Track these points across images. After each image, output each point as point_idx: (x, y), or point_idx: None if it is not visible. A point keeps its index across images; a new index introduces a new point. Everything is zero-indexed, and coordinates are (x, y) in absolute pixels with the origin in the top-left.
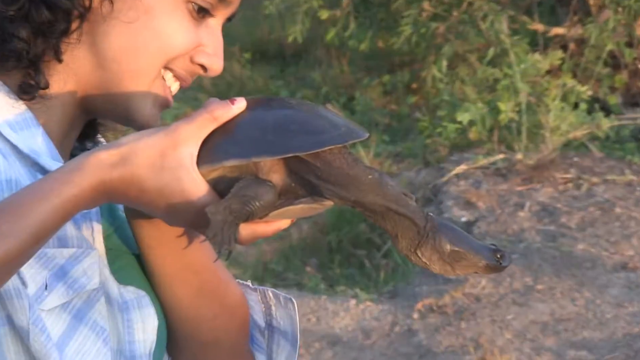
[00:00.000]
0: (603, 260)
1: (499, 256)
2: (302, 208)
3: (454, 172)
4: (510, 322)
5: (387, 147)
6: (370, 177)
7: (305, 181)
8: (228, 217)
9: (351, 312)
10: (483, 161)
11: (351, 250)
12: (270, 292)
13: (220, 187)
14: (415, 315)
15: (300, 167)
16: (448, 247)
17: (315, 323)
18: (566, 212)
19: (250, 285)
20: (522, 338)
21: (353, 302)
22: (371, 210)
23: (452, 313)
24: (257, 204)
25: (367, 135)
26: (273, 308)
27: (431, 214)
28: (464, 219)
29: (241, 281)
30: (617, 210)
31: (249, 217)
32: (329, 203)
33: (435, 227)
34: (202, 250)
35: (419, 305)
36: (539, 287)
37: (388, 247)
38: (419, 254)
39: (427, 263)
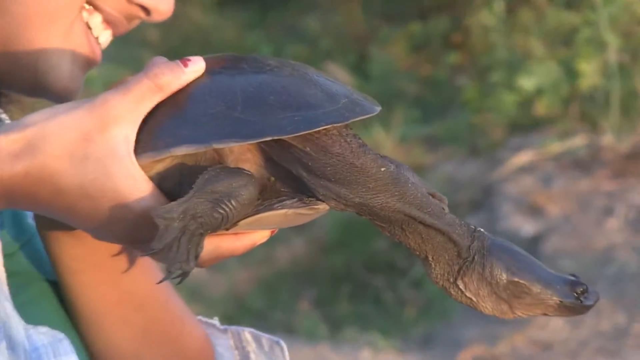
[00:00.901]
0: None
1: (579, 292)
2: (286, 214)
3: (513, 163)
4: None
5: (417, 128)
6: (383, 169)
7: (290, 176)
8: (189, 223)
9: None
10: (556, 147)
11: (364, 277)
12: (247, 333)
13: (168, 185)
14: None
15: (282, 156)
16: (504, 276)
17: None
18: None
19: (218, 324)
20: None
21: (367, 351)
22: (385, 219)
23: None
24: (233, 203)
25: (378, 109)
26: (252, 356)
27: (480, 229)
28: (527, 232)
29: (205, 319)
30: None
31: (221, 224)
32: (323, 207)
33: (486, 248)
34: (148, 276)
35: (464, 357)
36: (637, 329)
37: (418, 273)
38: (461, 287)
39: (474, 299)
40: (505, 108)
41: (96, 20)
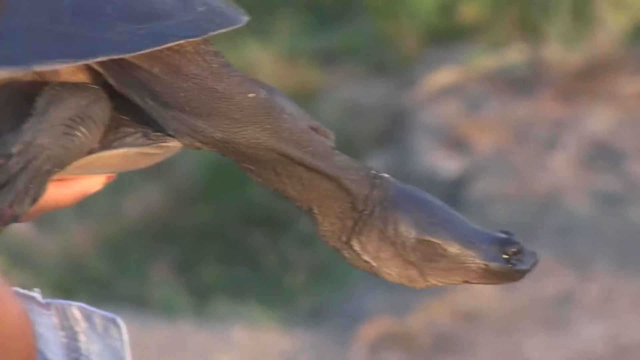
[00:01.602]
0: None
1: (511, 253)
2: (127, 155)
3: (431, 83)
4: (534, 358)
5: (307, 41)
6: (251, 96)
7: (132, 105)
8: (33, 158)
9: (238, 348)
10: (486, 62)
11: (238, 235)
12: (76, 309)
13: None
14: (358, 352)
15: (123, 81)
16: (413, 234)
17: None
18: (639, 153)
19: (39, 297)
20: None
21: (242, 328)
22: (255, 160)
23: (426, 345)
24: (87, 126)
25: (245, 20)
26: (81, 337)
27: (383, 174)
28: (449, 172)
29: (23, 290)
30: None
31: (73, 155)
32: (174, 145)
33: (389, 198)
34: None
35: (366, 333)
36: (590, 293)
37: (307, 229)
38: (357, 247)
39: (374, 264)
40: (420, 13)
41: None
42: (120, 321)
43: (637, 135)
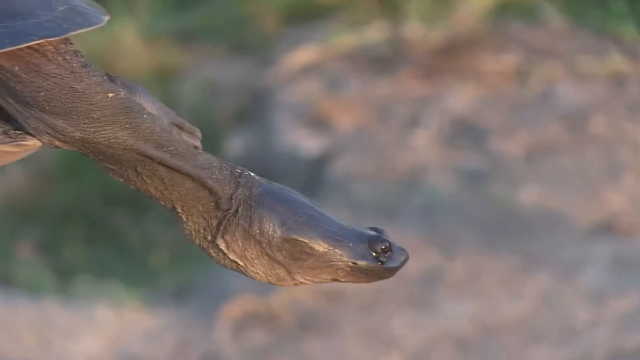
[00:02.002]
0: (569, 218)
1: (379, 250)
2: None
3: (291, 62)
4: (398, 337)
5: (166, 21)
6: (111, 95)
7: None
8: None
9: (102, 328)
10: (346, 41)
11: (101, 215)
12: None
13: None
14: (223, 331)
15: None
16: (278, 233)
17: (37, 349)
18: (502, 130)
19: None
20: None
21: (105, 307)
22: (114, 160)
23: (290, 324)
24: None
25: (105, 19)
26: None
27: (248, 173)
28: (310, 150)
29: None
30: (595, 127)
31: None
32: (34, 143)
33: (254, 197)
34: None
35: (230, 312)
36: (454, 271)
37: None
38: (223, 247)
39: (240, 263)
40: None
41: None
42: None
43: (500, 113)
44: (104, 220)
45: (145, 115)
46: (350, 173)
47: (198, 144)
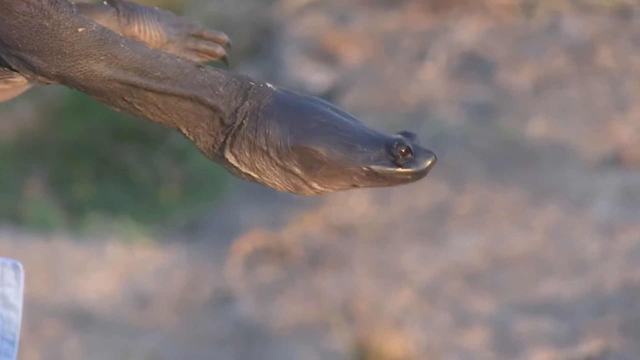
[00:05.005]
0: (577, 151)
1: (399, 153)
2: None
3: None
4: (409, 270)
5: None
6: (80, 30)
7: None
8: None
9: (113, 265)
10: None
11: (110, 150)
12: None
13: None
14: (234, 267)
15: None
16: (286, 142)
17: (47, 286)
18: (509, 63)
19: None
20: (429, 298)
21: (116, 243)
22: (98, 91)
23: (300, 259)
24: None
25: None
26: None
27: (263, 84)
28: (318, 84)
29: None
30: (601, 58)
31: None
32: (21, 80)
33: (263, 108)
34: None
35: (240, 247)
36: (463, 205)
37: (179, 143)
38: (232, 160)
39: (254, 175)
40: None
41: None
42: (20, 266)
43: (507, 45)
44: (114, 156)
45: (122, 45)
46: (358, 106)
47: (219, 50)
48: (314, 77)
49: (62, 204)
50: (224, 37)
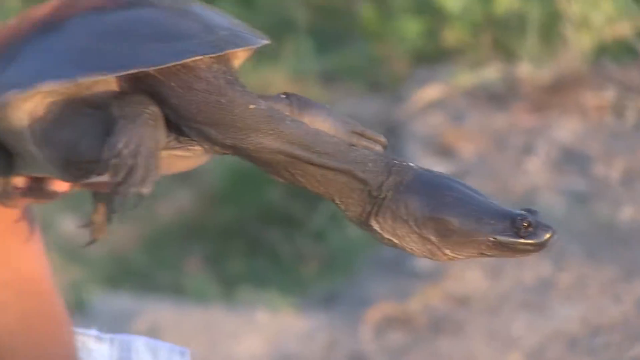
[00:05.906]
0: None
1: (521, 227)
2: (161, 156)
3: (419, 98)
4: (518, 337)
5: (310, 62)
6: (252, 107)
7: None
8: (140, 148)
9: (261, 330)
10: (467, 79)
11: (258, 231)
12: (143, 343)
13: (41, 126)
14: (366, 332)
15: (153, 93)
16: (423, 213)
17: (206, 349)
18: (603, 157)
19: (96, 333)
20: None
21: (264, 312)
22: (266, 162)
23: (424, 326)
24: (158, 122)
25: (263, 42)
26: None
27: (406, 163)
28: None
29: (81, 330)
30: None
31: (160, 143)
32: (200, 149)
33: (405, 183)
34: (36, 259)
35: (372, 315)
36: (564, 279)
37: (318, 225)
38: (376, 227)
39: (394, 240)
40: (408, 37)
41: None
42: (187, 353)
43: (600, 142)
44: (262, 236)
45: (288, 122)
46: None
47: (377, 148)
48: (434, 168)
49: (217, 278)
50: (383, 139)
